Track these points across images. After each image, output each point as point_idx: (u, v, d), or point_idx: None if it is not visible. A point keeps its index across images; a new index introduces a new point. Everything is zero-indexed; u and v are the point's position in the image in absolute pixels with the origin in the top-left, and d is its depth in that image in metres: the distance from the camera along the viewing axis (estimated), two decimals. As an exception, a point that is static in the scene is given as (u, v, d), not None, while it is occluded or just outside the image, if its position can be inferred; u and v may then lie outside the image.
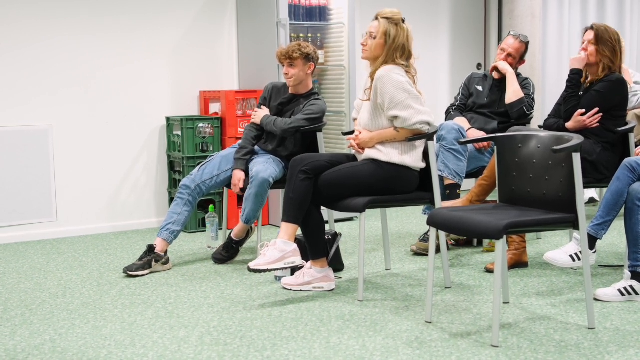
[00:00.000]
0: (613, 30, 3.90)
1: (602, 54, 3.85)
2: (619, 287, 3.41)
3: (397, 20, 3.54)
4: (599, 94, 3.85)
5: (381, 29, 3.53)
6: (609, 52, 3.84)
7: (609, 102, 3.86)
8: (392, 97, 3.45)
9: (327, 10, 5.52)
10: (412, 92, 3.48)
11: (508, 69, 4.52)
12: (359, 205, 3.44)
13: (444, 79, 6.78)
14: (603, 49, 3.84)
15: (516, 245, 4.00)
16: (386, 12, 3.57)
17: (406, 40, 3.55)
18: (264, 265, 3.41)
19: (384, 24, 3.54)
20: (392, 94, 3.45)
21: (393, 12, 3.56)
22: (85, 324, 3.19)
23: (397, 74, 3.48)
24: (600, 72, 3.87)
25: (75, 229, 5.09)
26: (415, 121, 3.45)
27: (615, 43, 3.85)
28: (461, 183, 4.34)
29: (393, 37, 3.53)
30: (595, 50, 3.86)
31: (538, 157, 3.17)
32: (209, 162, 4.27)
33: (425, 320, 3.18)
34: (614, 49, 3.85)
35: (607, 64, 3.85)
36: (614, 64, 3.86)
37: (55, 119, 5.00)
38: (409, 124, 3.46)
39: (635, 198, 3.34)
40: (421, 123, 3.46)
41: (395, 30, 3.53)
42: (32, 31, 4.90)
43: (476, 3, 6.93)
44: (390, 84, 3.45)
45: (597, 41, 3.85)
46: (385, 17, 3.55)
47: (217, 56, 5.54)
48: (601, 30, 3.86)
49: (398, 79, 3.46)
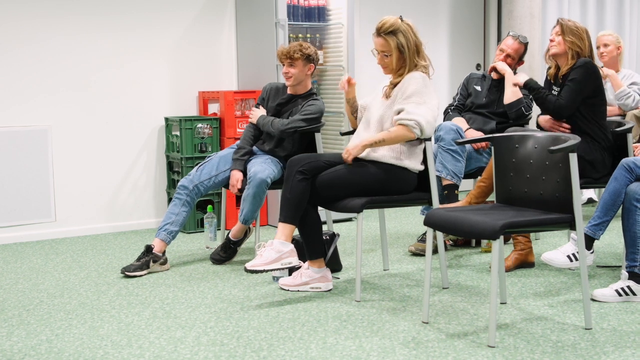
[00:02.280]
0: (580, 24, 3.99)
1: (568, 41, 3.90)
2: (616, 287, 3.41)
3: (399, 27, 3.52)
4: (574, 81, 3.87)
5: (392, 45, 3.52)
6: (576, 39, 3.90)
7: (587, 86, 3.87)
8: (412, 93, 3.47)
9: (326, 10, 5.52)
10: (429, 103, 3.49)
11: (507, 69, 4.52)
12: (356, 206, 3.44)
13: (443, 79, 6.78)
14: (569, 37, 3.90)
15: (522, 245, 4.00)
16: (386, 25, 3.52)
17: (415, 37, 3.55)
18: (261, 265, 3.41)
19: (391, 39, 3.51)
20: (414, 92, 3.47)
21: (392, 22, 3.52)
22: (82, 324, 3.20)
23: (427, 84, 3.52)
24: (570, 60, 3.92)
25: (73, 229, 5.10)
26: (412, 118, 3.44)
27: (581, 32, 3.93)
28: (459, 183, 4.34)
29: (405, 45, 3.52)
30: (562, 40, 3.92)
31: (535, 157, 3.17)
32: (207, 162, 4.27)
33: (422, 320, 3.18)
34: (580, 37, 3.92)
35: (575, 49, 3.91)
36: (582, 50, 3.91)
37: (54, 119, 5.01)
38: (406, 117, 3.44)
39: (632, 198, 3.34)
40: (416, 123, 3.45)
41: (404, 38, 3.52)
42: (31, 31, 4.91)
43: (475, 3, 6.93)
44: (418, 86, 3.48)
45: (562, 32, 3.93)
46: (388, 31, 3.51)
47: (216, 56, 5.54)
48: (566, 22, 3.96)
49: (427, 89, 3.49)
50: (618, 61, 5.48)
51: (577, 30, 3.92)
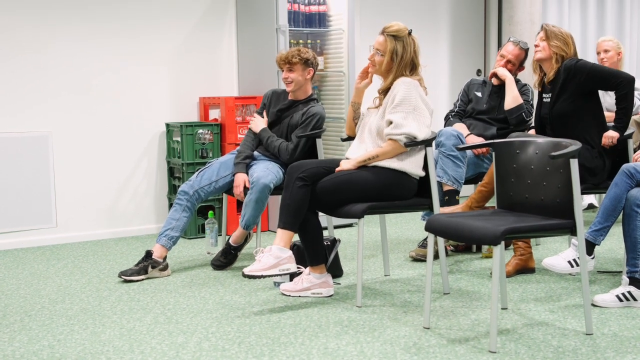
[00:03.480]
0: (564, 30, 4.01)
1: (553, 45, 3.92)
2: (617, 293, 3.41)
3: (403, 35, 3.54)
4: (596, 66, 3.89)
5: (388, 47, 3.54)
6: (561, 43, 3.92)
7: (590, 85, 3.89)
8: (400, 101, 3.48)
9: (326, 16, 5.53)
10: (419, 108, 3.50)
11: (507, 75, 4.53)
12: (357, 212, 3.45)
13: (444, 84, 6.79)
14: (554, 42, 3.92)
15: (522, 250, 4.01)
16: (392, 28, 3.55)
17: (414, 54, 3.57)
18: (259, 271, 3.42)
19: (390, 41, 3.54)
20: (402, 100, 3.48)
21: (399, 28, 3.55)
22: (84, 329, 3.20)
23: (416, 89, 3.52)
24: (554, 64, 3.93)
25: (74, 235, 5.10)
26: (401, 131, 3.47)
27: (566, 37, 3.95)
28: (460, 189, 4.35)
29: (400, 54, 3.54)
30: (547, 45, 3.94)
31: (536, 163, 3.17)
32: (207, 168, 4.27)
33: (423, 326, 3.18)
34: (565, 41, 3.94)
35: (559, 53, 3.92)
36: (567, 54, 3.92)
37: (55, 126, 5.02)
38: (395, 132, 3.47)
39: (633, 204, 3.34)
40: (406, 135, 3.47)
41: (402, 47, 3.54)
42: (32, 38, 4.92)
43: (476, 9, 6.94)
44: (406, 93, 3.49)
45: (547, 37, 3.95)
46: (391, 34, 3.54)
47: (217, 62, 5.56)
48: (550, 27, 3.97)
49: (414, 94, 3.50)
50: (619, 67, 5.49)
51: (562, 35, 3.94)
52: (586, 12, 7.29)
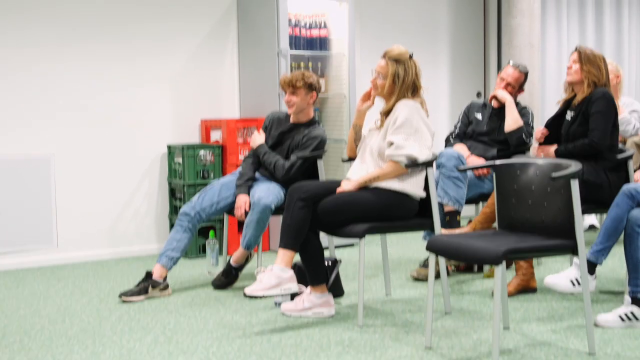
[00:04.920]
0: (598, 52, 4.02)
1: (586, 71, 3.94)
2: (619, 312, 3.40)
3: (405, 59, 3.59)
4: (600, 113, 3.90)
5: (390, 71, 3.58)
6: (593, 68, 3.93)
7: (612, 114, 3.91)
8: (402, 123, 3.52)
9: (327, 40, 5.58)
10: (420, 130, 3.53)
11: (507, 97, 4.56)
12: (359, 232, 3.45)
13: (444, 107, 6.82)
14: (587, 66, 3.93)
15: (523, 270, 4.00)
16: (394, 52, 3.60)
17: (415, 77, 3.62)
18: (260, 291, 3.41)
19: (392, 65, 3.58)
20: (403, 122, 3.52)
21: (400, 52, 3.59)
22: (84, 350, 3.18)
23: (418, 111, 3.55)
24: (586, 89, 3.95)
25: (75, 255, 5.10)
26: (402, 153, 3.50)
27: (599, 60, 3.96)
28: (461, 210, 4.35)
29: (402, 78, 3.58)
30: (579, 68, 3.96)
31: (537, 183, 3.18)
32: (208, 189, 4.28)
33: (425, 345, 3.17)
34: (598, 65, 3.95)
35: (592, 79, 3.94)
36: (599, 80, 3.94)
37: (57, 147, 5.04)
38: (396, 153, 3.50)
39: (634, 224, 3.34)
40: (407, 157, 3.50)
41: (403, 71, 3.58)
42: (34, 59, 4.95)
43: (475, 32, 7.00)
44: (408, 115, 3.52)
45: (580, 60, 3.96)
46: (393, 57, 3.59)
47: (219, 85, 5.59)
48: (584, 50, 3.99)
49: (416, 116, 3.53)
50: (618, 90, 5.52)
51: (595, 58, 3.94)
52: (585, 35, 7.35)
